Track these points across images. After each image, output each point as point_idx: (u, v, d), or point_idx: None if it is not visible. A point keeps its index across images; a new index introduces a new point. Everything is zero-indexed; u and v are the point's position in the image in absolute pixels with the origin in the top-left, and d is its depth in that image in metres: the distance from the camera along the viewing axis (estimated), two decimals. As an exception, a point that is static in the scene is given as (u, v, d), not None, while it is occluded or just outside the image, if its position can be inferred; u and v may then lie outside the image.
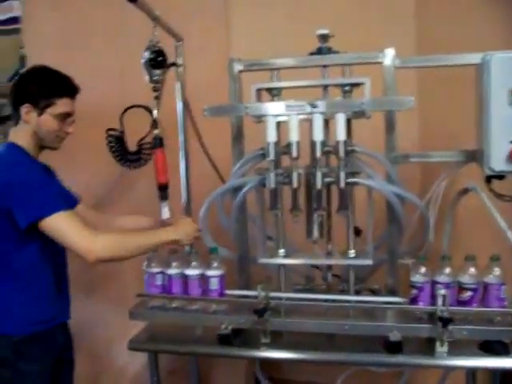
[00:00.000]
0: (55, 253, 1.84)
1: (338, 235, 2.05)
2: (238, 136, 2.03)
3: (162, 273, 2.00)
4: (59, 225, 1.69)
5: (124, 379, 2.84)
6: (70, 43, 2.74)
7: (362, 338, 1.84)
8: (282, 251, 2.01)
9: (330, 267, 2.08)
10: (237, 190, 1.94)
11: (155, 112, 2.06)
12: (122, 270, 1.87)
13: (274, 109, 1.82)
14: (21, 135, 1.81)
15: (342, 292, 2.05)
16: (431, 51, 2.03)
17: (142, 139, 2.11)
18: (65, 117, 1.82)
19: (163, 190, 2.10)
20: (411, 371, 2.31)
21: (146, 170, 2.23)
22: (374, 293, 2.07)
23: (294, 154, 1.81)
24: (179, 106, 2.24)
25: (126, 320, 2.02)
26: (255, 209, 2.01)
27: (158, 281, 2.00)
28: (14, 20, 3.42)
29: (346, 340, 1.86)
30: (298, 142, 1.81)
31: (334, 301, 1.93)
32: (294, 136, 1.80)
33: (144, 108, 2.07)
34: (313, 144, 1.80)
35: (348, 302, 1.93)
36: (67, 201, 1.89)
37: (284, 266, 2.02)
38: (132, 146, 2.24)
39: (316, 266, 2.16)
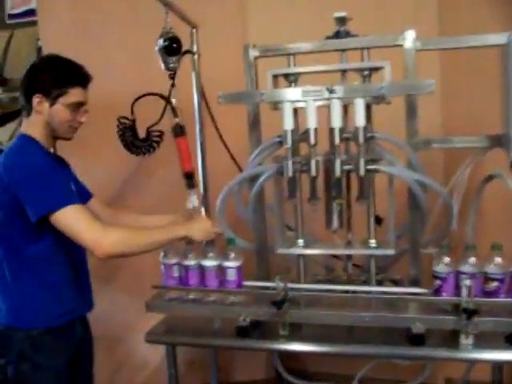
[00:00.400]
0: (72, 246, 1.81)
1: (357, 224, 2.00)
2: (254, 124, 1.98)
3: (178, 264, 1.96)
4: (69, 219, 1.67)
5: (143, 370, 2.84)
6: (85, 34, 2.72)
7: (383, 330, 1.79)
8: (301, 241, 1.97)
9: (350, 257, 2.03)
10: (254, 178, 1.90)
11: (174, 100, 2.02)
12: (140, 260, 1.85)
13: (291, 95, 1.76)
14: (33, 126, 1.79)
15: (363, 282, 2.00)
16: (454, 34, 1.95)
17: (151, 126, 2.07)
18: (77, 106, 1.79)
19: (190, 178, 2.08)
20: (434, 363, 2.26)
21: (163, 159, 2.19)
22: (395, 283, 2.02)
23: (312, 141, 1.76)
24: (195, 94, 2.20)
25: (144, 311, 1.99)
26: (273, 198, 1.97)
27: (175, 272, 1.97)
28: (31, 12, 3.42)
29: (367, 332, 1.82)
30: (316, 129, 1.75)
31: (354, 292, 1.88)
32: (311, 122, 1.74)
33: (159, 96, 2.03)
34: (331, 130, 1.74)
35: (369, 293, 1.88)
36: (80, 195, 1.87)
37: (303, 256, 1.98)
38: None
39: (336, 256, 2.11)
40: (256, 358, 2.77)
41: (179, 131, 2.04)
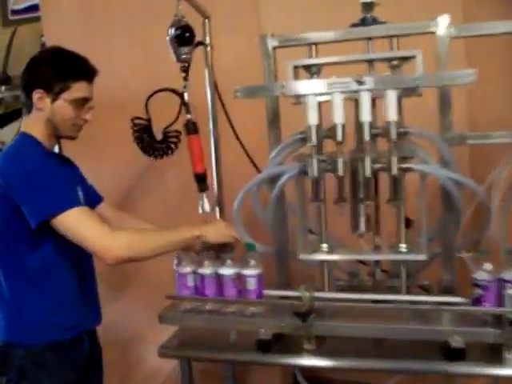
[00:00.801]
0: (77, 253, 1.68)
1: (383, 226, 1.86)
2: (274, 120, 1.83)
3: (193, 273, 1.81)
4: (73, 222, 1.53)
5: (155, 378, 2.72)
6: (90, 28, 2.61)
7: (412, 343, 1.64)
8: (324, 246, 1.82)
9: (378, 263, 1.88)
10: (274, 179, 1.75)
11: (186, 95, 1.87)
12: (152, 265, 1.72)
13: (315, 87, 1.61)
14: (33, 124, 1.65)
15: (390, 288, 1.86)
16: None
17: (167, 126, 1.92)
18: (82, 102, 1.65)
19: (201, 180, 1.92)
20: (463, 379, 2.11)
21: (175, 160, 2.04)
22: (424, 290, 1.87)
23: (339, 137, 1.60)
24: (208, 89, 2.06)
25: (156, 318, 1.84)
26: (293, 200, 1.82)
27: (190, 281, 1.81)
28: (34, 8, 3.30)
29: (395, 344, 1.67)
30: (344, 125, 1.60)
31: (384, 302, 1.72)
32: (338, 117, 1.59)
33: (172, 91, 1.89)
34: (360, 126, 1.59)
35: (400, 302, 1.72)
36: (89, 198, 1.74)
37: (327, 262, 1.83)
38: (159, 134, 2.05)
39: (361, 261, 1.97)
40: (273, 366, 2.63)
41: (191, 128, 1.89)
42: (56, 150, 1.90)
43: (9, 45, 3.42)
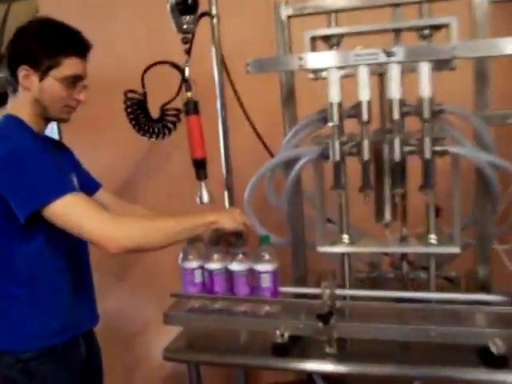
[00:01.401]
0: (72, 246, 1.50)
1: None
2: (288, 98, 1.65)
3: (201, 268, 1.64)
4: (69, 210, 1.35)
5: (161, 370, 2.58)
6: (89, 3, 2.42)
7: (444, 347, 1.46)
8: (345, 237, 1.64)
9: (404, 255, 1.71)
10: (290, 163, 1.57)
11: (187, 70, 1.68)
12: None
13: (338, 59, 1.41)
14: (20, 105, 1.47)
15: (413, 281, 1.71)
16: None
17: (165, 104, 1.73)
18: (73, 81, 1.47)
19: (200, 167, 1.74)
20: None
21: (180, 142, 1.86)
22: (450, 281, 1.72)
23: (365, 116, 1.42)
24: (214, 65, 1.87)
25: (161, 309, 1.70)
26: (310, 187, 1.64)
27: (197, 277, 1.64)
28: (29, -17, 3.12)
29: (424, 348, 1.50)
30: (370, 102, 1.41)
31: (413, 301, 1.55)
32: (364, 93, 1.40)
33: (172, 65, 1.70)
34: (389, 103, 1.40)
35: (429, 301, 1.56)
36: (85, 185, 1.56)
37: (348, 255, 1.66)
38: (156, 113, 1.87)
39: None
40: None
41: (192, 108, 1.70)
42: (53, 136, 1.73)
43: (3, 22, 3.23)
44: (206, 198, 1.73)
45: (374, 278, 1.81)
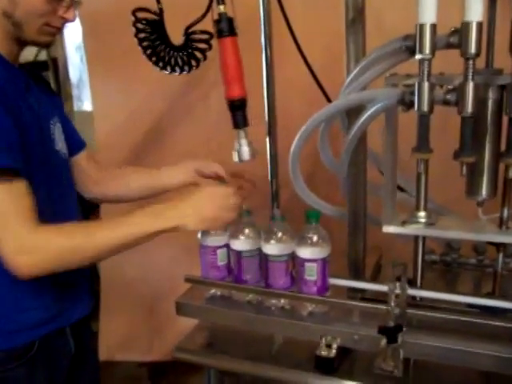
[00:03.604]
0: (54, 214, 1.12)
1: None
2: (355, 21, 1.18)
3: (226, 247, 1.24)
4: None
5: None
6: None
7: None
8: (422, 215, 1.20)
9: (504, 246, 1.27)
10: (355, 111, 1.13)
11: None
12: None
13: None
14: None
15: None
16: None
17: (190, 25, 1.27)
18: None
19: (238, 110, 1.27)
20: None
21: (219, 78, 1.43)
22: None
23: (473, 48, 0.95)
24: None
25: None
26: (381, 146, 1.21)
27: (221, 260, 1.24)
28: None
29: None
30: (481, 24, 0.94)
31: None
32: (475, 11, 0.93)
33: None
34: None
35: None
36: (68, 138, 1.18)
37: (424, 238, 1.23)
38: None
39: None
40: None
41: (226, 27, 1.22)
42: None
43: None
44: (246, 154, 1.27)
45: (448, 264, 1.45)
